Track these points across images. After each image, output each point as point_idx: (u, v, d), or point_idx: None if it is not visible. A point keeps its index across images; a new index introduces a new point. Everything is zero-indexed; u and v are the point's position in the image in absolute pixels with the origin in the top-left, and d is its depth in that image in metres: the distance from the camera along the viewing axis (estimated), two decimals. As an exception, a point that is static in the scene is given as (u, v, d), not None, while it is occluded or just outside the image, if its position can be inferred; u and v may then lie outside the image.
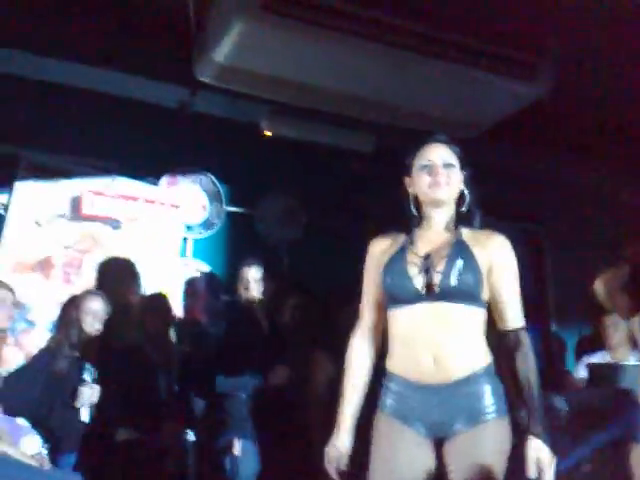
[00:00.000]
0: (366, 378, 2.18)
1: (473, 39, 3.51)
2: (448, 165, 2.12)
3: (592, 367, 3.83)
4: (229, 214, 4.72)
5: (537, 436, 1.96)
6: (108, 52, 3.99)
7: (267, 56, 3.52)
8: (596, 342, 4.11)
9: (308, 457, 2.87)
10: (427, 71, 3.55)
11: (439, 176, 2.10)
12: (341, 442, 2.12)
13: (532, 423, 1.98)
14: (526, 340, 2.07)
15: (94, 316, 3.38)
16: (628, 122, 4.50)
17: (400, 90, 3.72)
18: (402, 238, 2.16)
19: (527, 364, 2.04)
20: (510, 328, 2.09)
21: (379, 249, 2.19)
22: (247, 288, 3.70)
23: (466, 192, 2.16)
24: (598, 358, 3.99)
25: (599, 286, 3.00)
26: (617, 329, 3.91)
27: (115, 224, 4.18)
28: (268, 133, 4.43)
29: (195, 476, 3.50)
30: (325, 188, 4.79)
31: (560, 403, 3.24)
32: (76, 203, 4.05)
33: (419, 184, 2.13)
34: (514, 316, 2.10)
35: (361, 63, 3.52)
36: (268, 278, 3.82)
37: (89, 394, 3.12)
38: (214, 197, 4.67)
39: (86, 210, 4.05)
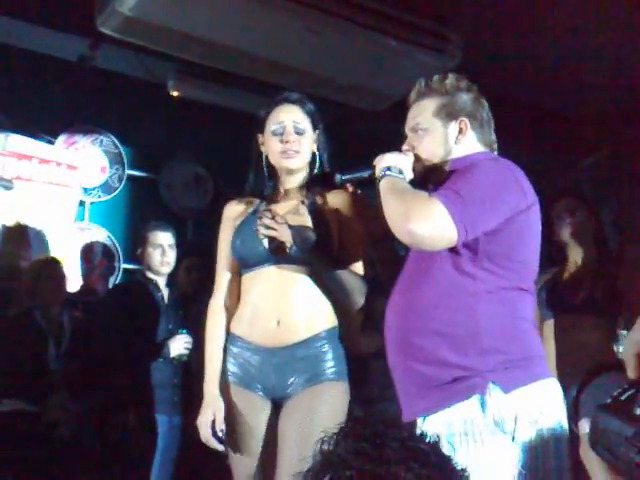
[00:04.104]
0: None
1: (385, 6, 3.43)
2: (299, 131, 2.10)
3: None
4: (131, 178, 4.49)
5: None
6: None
7: (176, 10, 3.32)
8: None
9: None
10: (339, 37, 3.44)
11: (289, 144, 2.08)
12: (208, 410, 2.06)
13: None
14: None
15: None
16: (539, 98, 4.58)
17: (312, 55, 3.59)
18: (256, 201, 2.15)
19: None
20: None
21: (232, 213, 2.17)
22: (163, 254, 3.51)
23: (318, 154, 2.14)
24: None
25: None
26: None
27: (6, 184, 3.88)
28: (175, 94, 4.22)
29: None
30: (234, 156, 4.61)
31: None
32: (-38, 159, 3.76)
33: (271, 148, 2.12)
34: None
35: (273, 25, 3.37)
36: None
37: None
38: (115, 159, 4.43)
39: (-27, 168, 3.76)
